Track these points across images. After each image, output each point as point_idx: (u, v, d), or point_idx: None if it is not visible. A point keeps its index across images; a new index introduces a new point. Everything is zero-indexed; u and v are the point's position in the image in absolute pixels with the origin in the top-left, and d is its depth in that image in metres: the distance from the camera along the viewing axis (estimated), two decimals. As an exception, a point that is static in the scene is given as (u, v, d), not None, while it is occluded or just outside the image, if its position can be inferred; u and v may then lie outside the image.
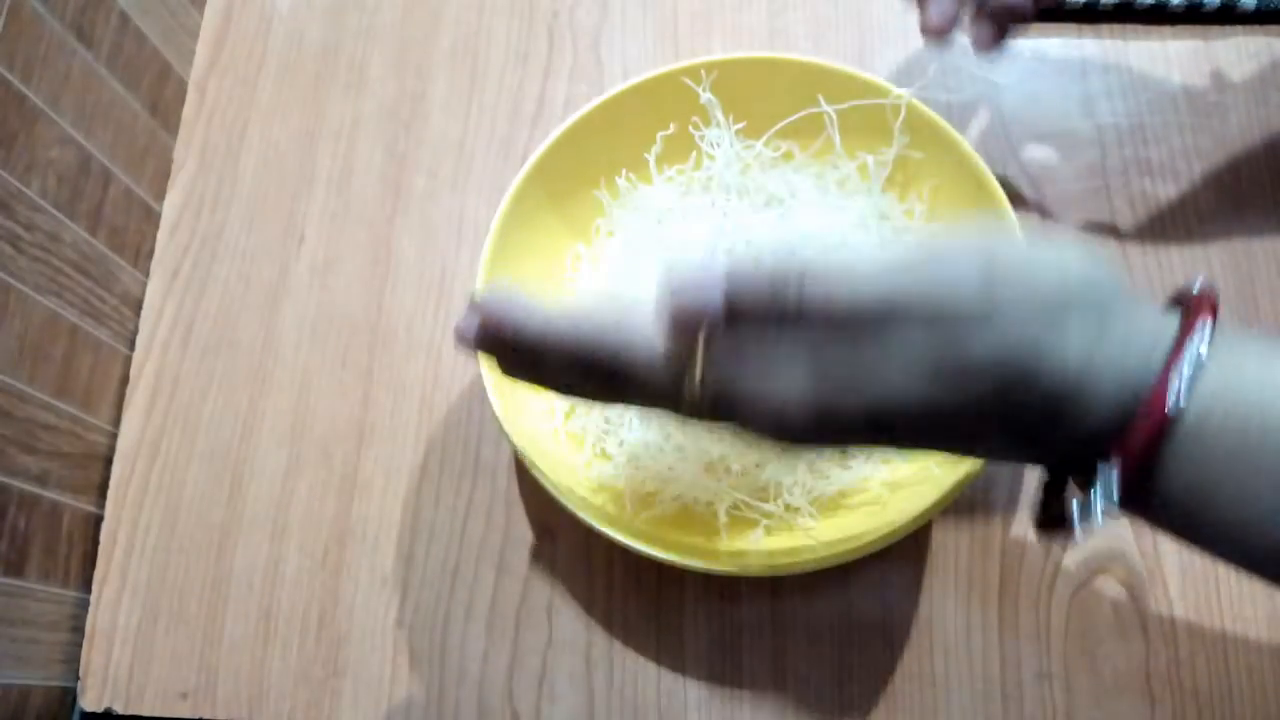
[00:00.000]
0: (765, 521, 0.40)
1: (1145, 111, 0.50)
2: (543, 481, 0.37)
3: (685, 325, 0.26)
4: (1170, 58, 0.51)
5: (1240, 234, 0.47)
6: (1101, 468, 0.25)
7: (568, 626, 0.43)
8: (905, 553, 0.43)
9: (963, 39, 0.38)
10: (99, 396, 0.49)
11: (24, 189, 0.44)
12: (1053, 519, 0.28)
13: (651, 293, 0.27)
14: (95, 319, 0.49)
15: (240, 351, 0.50)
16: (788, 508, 0.40)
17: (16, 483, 0.43)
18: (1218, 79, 0.50)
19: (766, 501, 0.40)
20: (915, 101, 0.41)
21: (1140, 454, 0.24)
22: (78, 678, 0.45)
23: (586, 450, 0.42)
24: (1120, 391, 0.24)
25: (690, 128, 0.44)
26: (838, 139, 0.44)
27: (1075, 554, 0.42)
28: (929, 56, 0.52)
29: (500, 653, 0.43)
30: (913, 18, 0.53)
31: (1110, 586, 0.42)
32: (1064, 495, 0.28)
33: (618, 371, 0.28)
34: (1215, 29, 0.51)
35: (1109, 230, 0.47)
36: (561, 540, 0.45)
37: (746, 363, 0.26)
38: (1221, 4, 0.50)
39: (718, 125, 0.44)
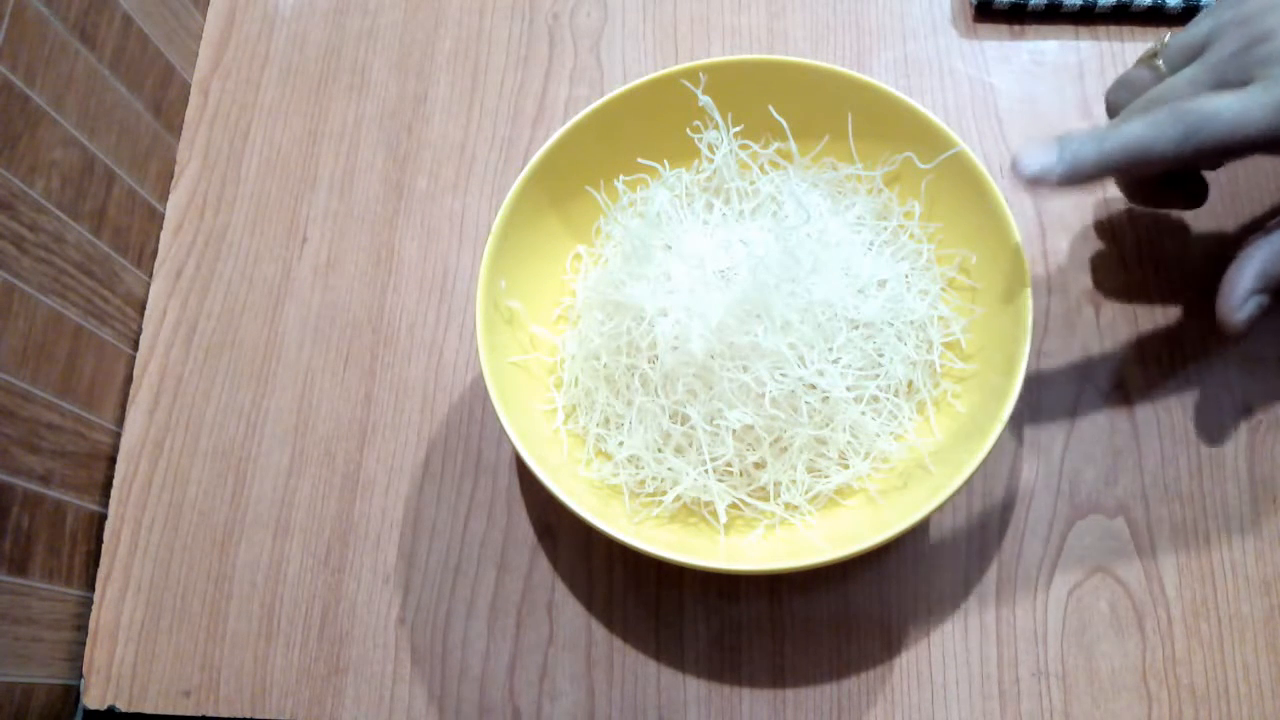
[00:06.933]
0: (765, 521, 0.40)
1: (1142, 113, 0.50)
2: (543, 481, 0.37)
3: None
4: (1167, 60, 0.51)
5: (1238, 235, 0.47)
6: None
7: (568, 624, 0.44)
8: (903, 552, 0.43)
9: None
10: (102, 396, 0.49)
11: (28, 190, 0.45)
12: None
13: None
14: (99, 319, 0.49)
15: (243, 351, 0.50)
16: (787, 507, 0.40)
17: (20, 482, 0.43)
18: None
19: (766, 501, 0.40)
20: (915, 105, 0.42)
21: None
22: (81, 676, 0.45)
23: (587, 450, 0.42)
24: None
25: (689, 130, 0.45)
26: (854, 147, 0.44)
27: (1072, 553, 0.42)
28: (925, 59, 0.52)
29: (501, 650, 0.43)
30: (910, 20, 0.53)
31: (1107, 585, 0.42)
32: None
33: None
34: (1212, 31, 0.51)
35: (1106, 231, 0.48)
36: (562, 539, 0.45)
37: None
38: (1218, 6, 0.50)
39: (717, 127, 0.44)
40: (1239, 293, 0.38)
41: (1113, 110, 0.43)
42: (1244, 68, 0.37)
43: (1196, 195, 0.43)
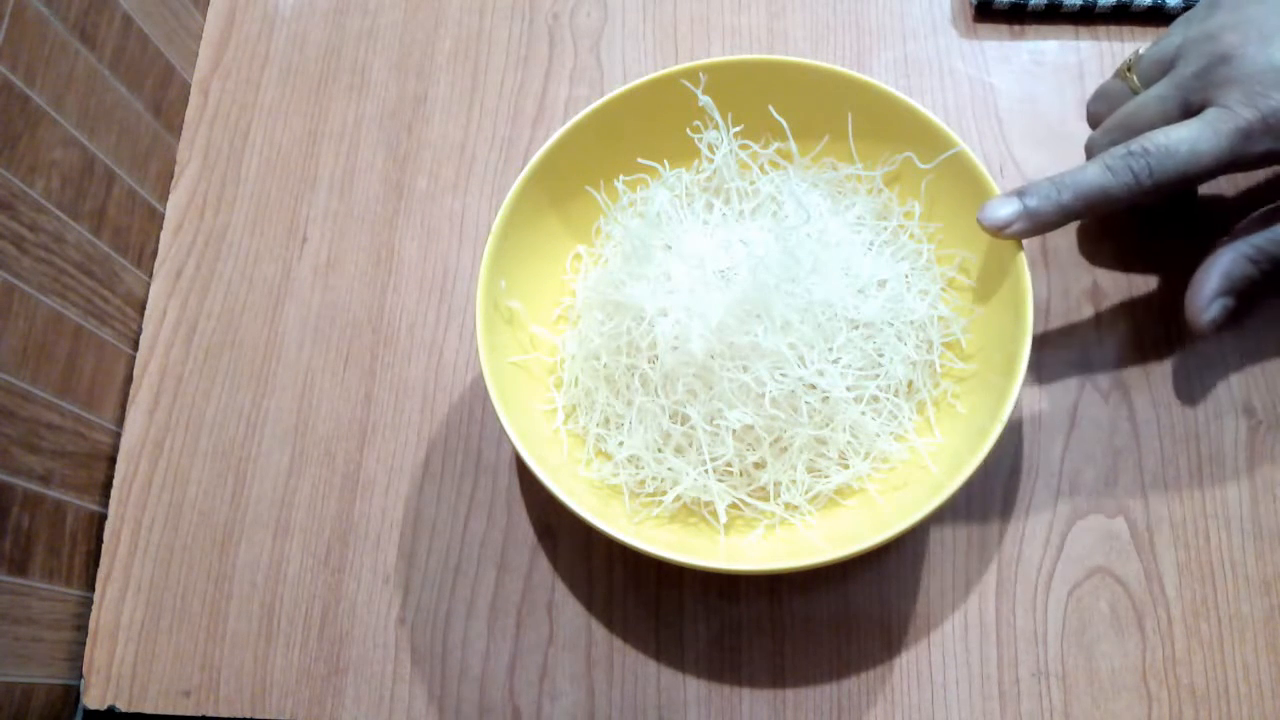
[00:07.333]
0: (765, 521, 0.40)
1: (1142, 113, 0.50)
2: (543, 481, 0.37)
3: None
4: (1167, 60, 0.51)
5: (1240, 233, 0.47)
6: None
7: (568, 624, 0.44)
8: (903, 552, 0.43)
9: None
10: (102, 396, 0.49)
11: (28, 190, 0.45)
12: None
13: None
14: (99, 319, 0.49)
15: (243, 351, 0.50)
16: (787, 507, 0.40)
17: (20, 482, 0.43)
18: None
19: (766, 501, 0.40)
20: (915, 105, 0.42)
21: None
22: (81, 676, 0.45)
23: (587, 450, 0.42)
24: None
25: (689, 130, 0.45)
26: (854, 147, 0.44)
27: (1072, 553, 0.42)
28: (925, 59, 0.52)
29: (501, 650, 0.43)
30: (910, 20, 0.53)
31: (1107, 585, 0.42)
32: None
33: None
34: (1212, 31, 0.51)
35: (1106, 231, 0.48)
36: (562, 539, 0.45)
37: None
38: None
39: (717, 127, 0.44)
40: (1205, 295, 0.40)
41: (1094, 121, 0.45)
42: (1204, 89, 0.38)
43: (1186, 208, 0.44)
